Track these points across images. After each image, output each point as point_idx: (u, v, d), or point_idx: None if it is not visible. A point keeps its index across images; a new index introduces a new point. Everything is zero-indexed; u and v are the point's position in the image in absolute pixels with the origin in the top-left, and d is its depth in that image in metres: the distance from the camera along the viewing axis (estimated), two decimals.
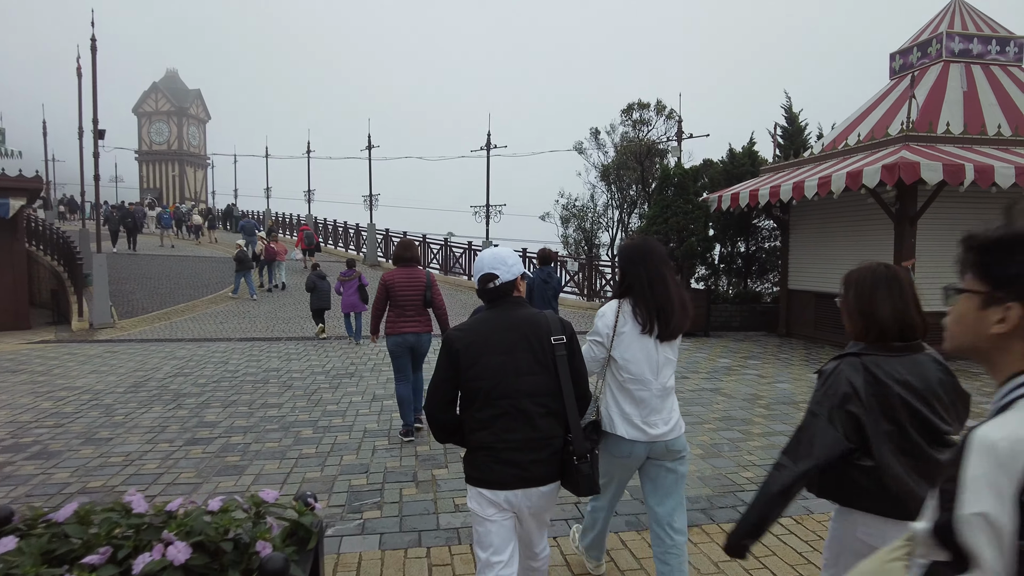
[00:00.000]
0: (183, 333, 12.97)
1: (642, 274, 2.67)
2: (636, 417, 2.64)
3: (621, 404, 2.67)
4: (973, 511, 0.95)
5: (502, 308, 2.42)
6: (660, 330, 2.63)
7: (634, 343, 2.65)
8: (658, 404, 2.66)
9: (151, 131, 51.35)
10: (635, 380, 2.64)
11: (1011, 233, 1.06)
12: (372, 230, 23.89)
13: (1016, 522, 0.92)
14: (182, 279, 19.52)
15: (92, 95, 13.45)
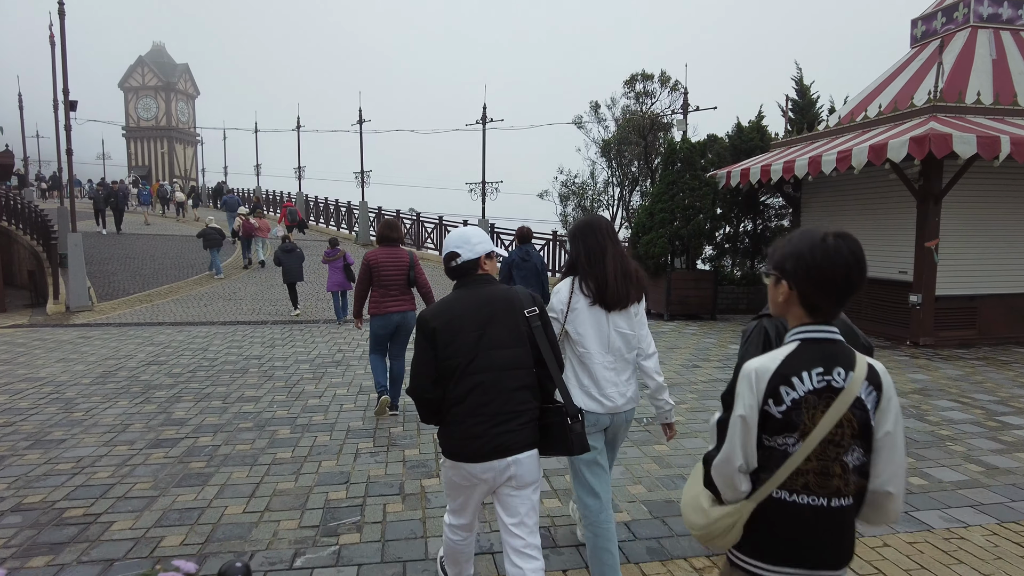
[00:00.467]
0: (164, 316, 12.33)
1: (580, 249, 2.79)
2: (592, 389, 2.75)
3: (580, 377, 2.78)
4: (737, 413, 1.59)
5: (472, 286, 2.48)
6: (601, 300, 2.73)
7: (586, 318, 2.75)
8: (613, 376, 2.76)
9: (138, 107, 50.10)
10: (588, 354, 2.75)
11: (784, 241, 1.67)
12: (364, 208, 23.15)
13: (757, 422, 1.58)
14: (167, 260, 18.82)
15: (62, 64, 12.64)
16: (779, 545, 1.61)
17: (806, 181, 11.80)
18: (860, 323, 10.40)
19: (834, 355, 1.58)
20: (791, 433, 1.56)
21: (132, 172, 49.24)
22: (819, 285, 1.57)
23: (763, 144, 13.80)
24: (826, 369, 1.56)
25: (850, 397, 1.54)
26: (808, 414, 1.55)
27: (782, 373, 1.56)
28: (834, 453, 1.55)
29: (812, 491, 1.56)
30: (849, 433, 1.56)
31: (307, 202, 28.40)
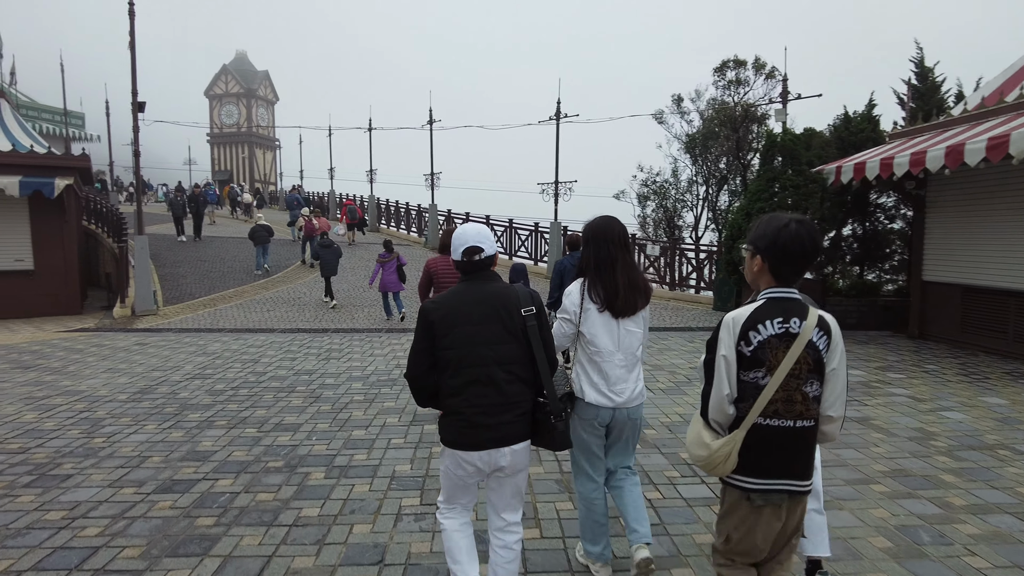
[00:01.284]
0: (224, 322, 11.92)
1: (590, 256, 2.90)
2: (603, 386, 2.88)
3: (590, 374, 2.90)
4: (720, 353, 2.07)
5: (476, 281, 2.57)
6: (609, 308, 2.85)
7: (597, 319, 2.87)
8: (622, 374, 2.89)
9: (221, 113, 51.91)
10: (600, 353, 2.87)
11: (758, 224, 2.17)
12: (434, 211, 22.54)
13: (735, 359, 2.06)
14: (236, 263, 18.73)
15: (132, 66, 12.47)
16: (760, 461, 2.08)
17: (934, 176, 10.10)
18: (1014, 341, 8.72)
19: (791, 309, 2.07)
20: (759, 368, 2.06)
21: (215, 176, 51.11)
22: (784, 259, 2.08)
23: (876, 136, 12.11)
24: (785, 319, 2.06)
25: (804, 339, 2.04)
26: (772, 353, 2.05)
27: (751, 319, 2.07)
28: (795, 384, 2.06)
29: (781, 415, 2.06)
30: (806, 368, 2.06)
31: (378, 205, 28.13)
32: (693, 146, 17.98)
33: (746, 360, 2.05)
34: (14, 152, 13.56)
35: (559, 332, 2.92)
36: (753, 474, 2.08)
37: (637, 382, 2.93)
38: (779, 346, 2.03)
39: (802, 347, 2.02)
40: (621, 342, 2.87)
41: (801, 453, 2.09)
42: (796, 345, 2.02)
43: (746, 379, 2.06)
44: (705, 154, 18.11)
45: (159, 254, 19.06)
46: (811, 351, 2.04)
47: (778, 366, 2.02)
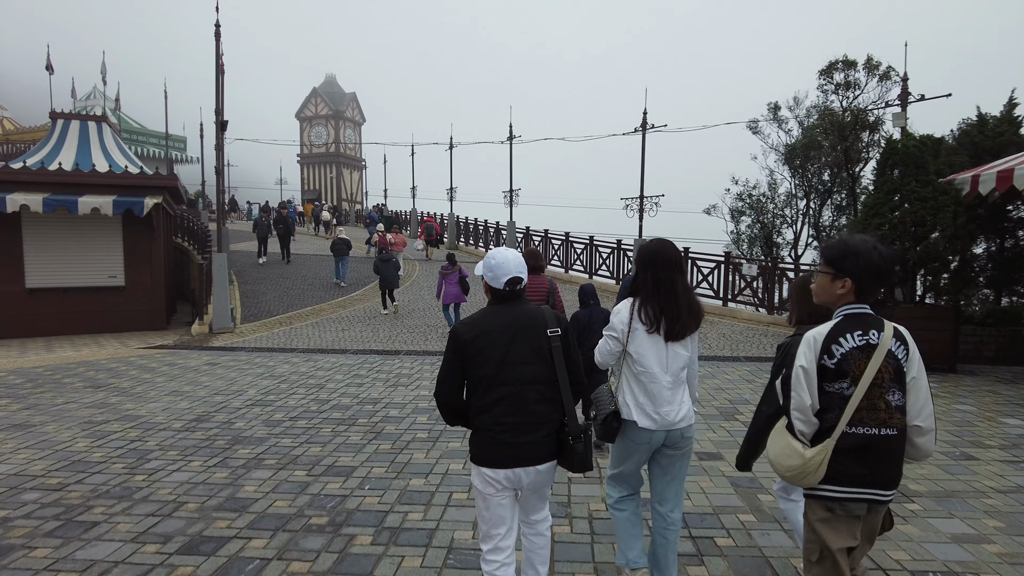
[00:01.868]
0: (298, 341, 11.68)
1: (649, 278, 2.86)
2: (648, 407, 2.84)
3: (636, 395, 2.87)
4: (798, 365, 2.17)
5: (505, 304, 2.66)
6: (665, 331, 2.83)
7: (645, 339, 2.84)
8: (669, 395, 2.85)
9: (311, 135, 53.88)
10: (647, 373, 2.84)
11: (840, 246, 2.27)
12: (512, 228, 22.00)
13: (815, 372, 2.15)
14: (316, 280, 18.78)
15: (216, 85, 12.60)
16: (846, 470, 2.13)
17: None
18: None
19: (868, 322, 2.20)
20: (844, 379, 2.15)
21: (304, 195, 52.98)
22: (875, 280, 2.21)
23: (1018, 139, 10.50)
24: (864, 331, 2.17)
25: (884, 349, 2.14)
26: (855, 364, 2.14)
27: (832, 334, 2.19)
28: (878, 393, 2.14)
29: (866, 423, 2.13)
30: (888, 377, 2.15)
31: (457, 223, 27.95)
32: (793, 157, 16.55)
33: (830, 372, 2.17)
34: (110, 173, 14.05)
35: (604, 349, 2.97)
36: (837, 483, 2.15)
37: (682, 404, 2.91)
38: (861, 357, 2.15)
39: (882, 357, 2.14)
40: (669, 364, 2.87)
41: (885, 461, 2.15)
42: (877, 355, 2.14)
43: (831, 390, 2.17)
44: (805, 165, 16.63)
45: (244, 271, 19.44)
46: (891, 360, 2.16)
47: (861, 376, 2.14)
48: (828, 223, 17.26)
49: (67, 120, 15.30)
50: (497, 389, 2.53)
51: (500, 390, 2.52)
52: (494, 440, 2.53)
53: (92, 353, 10.88)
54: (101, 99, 40.63)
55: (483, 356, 2.54)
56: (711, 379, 8.34)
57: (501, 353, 2.54)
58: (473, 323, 2.62)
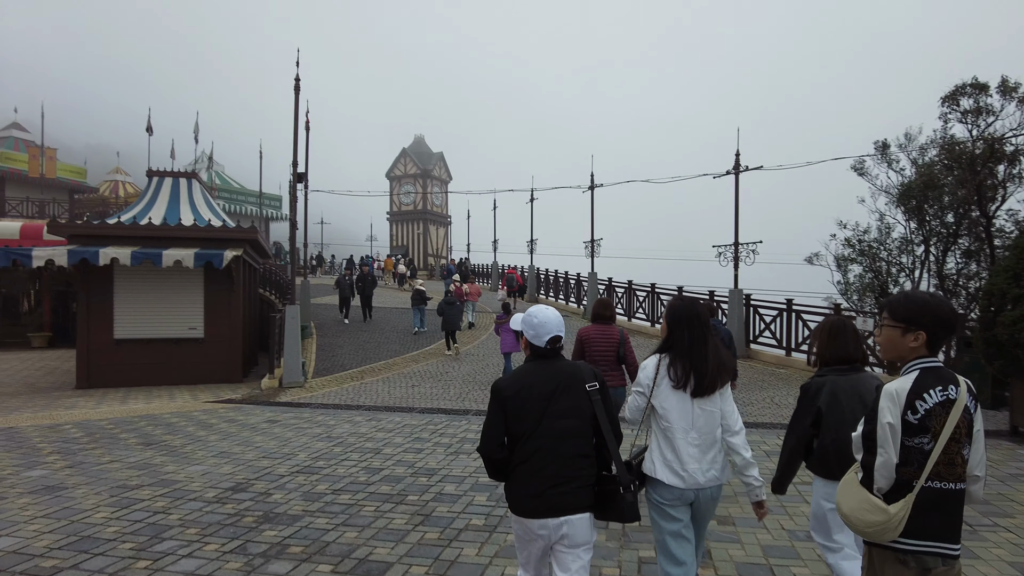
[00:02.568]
0: (366, 398, 11.07)
1: (684, 336, 2.90)
2: (675, 463, 2.82)
3: (663, 451, 2.87)
4: (885, 421, 2.14)
5: (544, 360, 2.76)
6: (694, 387, 2.84)
7: (671, 395, 2.86)
8: (696, 453, 2.83)
9: (400, 193, 55.51)
10: (671, 429, 2.85)
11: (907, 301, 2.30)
12: (593, 280, 20.98)
13: (900, 428, 2.13)
14: (393, 333, 18.39)
15: (293, 138, 12.64)
16: (922, 523, 2.12)
17: None
18: None
19: (945, 376, 2.18)
20: (925, 434, 2.13)
21: (392, 251, 54.30)
22: (947, 332, 2.26)
23: None
24: (944, 387, 2.16)
25: (961, 404, 2.15)
26: (936, 419, 2.13)
27: (915, 389, 2.16)
28: (956, 448, 2.14)
29: (944, 478, 2.13)
30: (964, 432, 2.16)
31: (538, 275, 27.26)
32: (908, 198, 14.79)
33: (913, 428, 2.15)
34: (194, 226, 14.31)
35: (632, 404, 3.02)
36: (914, 536, 2.13)
37: (714, 462, 2.87)
38: (942, 412, 2.15)
39: (960, 411, 2.15)
40: (695, 421, 2.87)
41: (956, 515, 2.17)
42: (955, 410, 2.15)
43: (911, 444, 2.15)
44: (923, 207, 14.80)
45: (324, 324, 19.38)
46: (966, 415, 2.17)
47: (941, 431, 2.14)
48: (954, 270, 15.20)
49: (161, 177, 15.90)
50: (534, 441, 2.62)
51: (537, 442, 2.62)
52: (529, 491, 2.61)
53: (160, 406, 10.67)
54: (205, 161, 43.63)
55: (524, 411, 2.64)
56: None
57: (541, 408, 2.64)
58: (514, 379, 2.73)
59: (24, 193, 34.11)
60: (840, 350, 3.19)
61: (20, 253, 13.02)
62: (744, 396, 10.86)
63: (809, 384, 3.14)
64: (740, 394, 10.91)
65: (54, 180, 35.93)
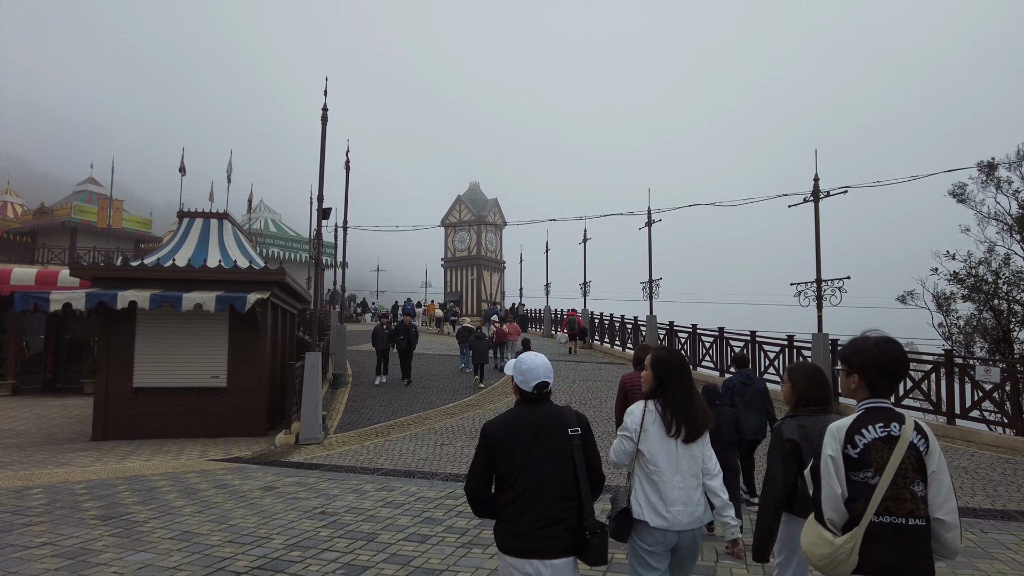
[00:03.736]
0: (386, 459, 9.64)
1: (677, 385, 3.10)
2: (660, 506, 2.94)
3: (648, 494, 2.98)
4: (827, 455, 2.33)
5: (532, 404, 2.88)
6: (685, 434, 3.02)
7: (657, 440, 3.02)
8: (682, 496, 2.96)
9: (455, 240, 55.09)
10: (658, 472, 2.97)
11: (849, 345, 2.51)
12: (652, 324, 19.11)
13: (842, 461, 2.29)
14: (430, 383, 16.95)
15: (319, 169, 11.68)
16: (878, 559, 2.23)
17: None
18: None
19: (889, 415, 2.35)
20: (868, 468, 2.28)
21: (447, 297, 53.61)
22: (879, 374, 2.39)
23: None
24: (885, 423, 2.32)
25: (906, 441, 2.29)
26: (878, 454, 2.29)
27: (854, 426, 2.35)
28: (903, 483, 2.26)
29: (892, 512, 2.24)
30: (911, 468, 2.27)
31: (592, 320, 25.53)
32: None
33: (855, 462, 2.31)
34: (218, 268, 13.45)
35: (619, 448, 3.12)
36: (868, 570, 2.23)
37: (698, 505, 3.00)
38: (883, 448, 2.29)
39: (904, 448, 2.28)
40: (680, 464, 2.99)
41: (914, 552, 2.24)
42: (899, 446, 2.28)
43: (856, 479, 2.30)
44: None
45: (363, 371, 18.20)
46: (913, 452, 2.29)
47: (885, 466, 2.27)
48: None
49: (192, 218, 15.29)
50: (520, 484, 2.71)
51: (523, 485, 2.71)
52: (517, 532, 2.69)
53: (159, 464, 9.50)
54: (263, 210, 44.29)
55: (510, 453, 2.75)
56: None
57: (526, 450, 2.74)
58: (502, 423, 2.84)
59: (93, 243, 35.16)
60: (818, 392, 3.31)
61: (38, 297, 12.38)
62: None
63: (781, 426, 3.18)
64: None
65: (120, 230, 36.92)
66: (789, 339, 13.77)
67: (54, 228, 35.66)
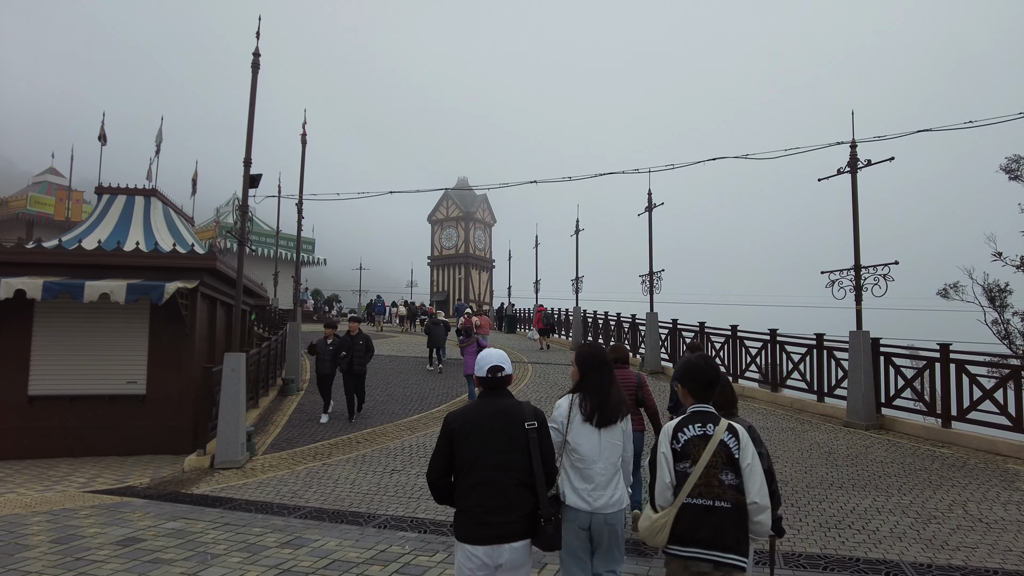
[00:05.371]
0: (319, 490, 7.42)
1: (595, 378, 3.42)
2: (583, 491, 3.26)
3: (572, 480, 3.30)
4: (660, 451, 2.94)
5: (492, 397, 3.15)
6: (598, 418, 3.32)
7: (581, 430, 3.32)
8: (603, 481, 3.28)
9: (442, 237, 52.81)
10: (582, 460, 3.28)
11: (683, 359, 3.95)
12: (653, 322, 16.91)
13: (671, 455, 2.90)
14: (395, 391, 14.69)
15: (248, 123, 9.44)
16: (688, 533, 2.77)
17: None
18: None
19: (707, 418, 2.95)
20: (686, 460, 2.86)
21: (433, 297, 51.31)
22: (692, 384, 3.07)
23: None
24: (703, 424, 2.92)
25: (716, 439, 2.85)
26: (695, 449, 2.86)
27: (679, 425, 2.96)
28: (713, 472, 2.81)
29: (702, 495, 2.78)
30: (721, 461, 2.83)
31: (584, 319, 23.30)
32: None
33: (678, 454, 2.89)
34: (135, 252, 11.16)
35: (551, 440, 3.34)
36: (682, 543, 2.77)
37: (615, 491, 3.31)
38: (700, 443, 2.86)
39: (716, 444, 2.84)
40: (602, 452, 3.30)
41: (721, 529, 2.74)
42: (712, 442, 2.85)
43: (678, 469, 2.86)
44: None
45: None
46: (723, 448, 2.84)
47: (699, 458, 2.83)
48: None
49: (113, 195, 13.01)
50: (478, 473, 2.94)
51: (481, 474, 2.93)
52: (474, 520, 2.91)
53: (14, 500, 7.22)
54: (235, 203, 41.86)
55: (468, 443, 2.97)
56: None
57: (483, 441, 2.97)
58: (462, 414, 3.08)
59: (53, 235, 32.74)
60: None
61: None
62: (907, 501, 6.65)
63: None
64: (893, 499, 6.73)
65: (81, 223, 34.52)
66: (818, 338, 11.60)
67: (8, 221, 33.18)
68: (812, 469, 8.04)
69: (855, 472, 7.90)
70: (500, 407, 3.04)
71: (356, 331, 11.99)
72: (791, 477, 7.71)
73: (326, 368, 11.71)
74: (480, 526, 2.86)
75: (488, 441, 2.93)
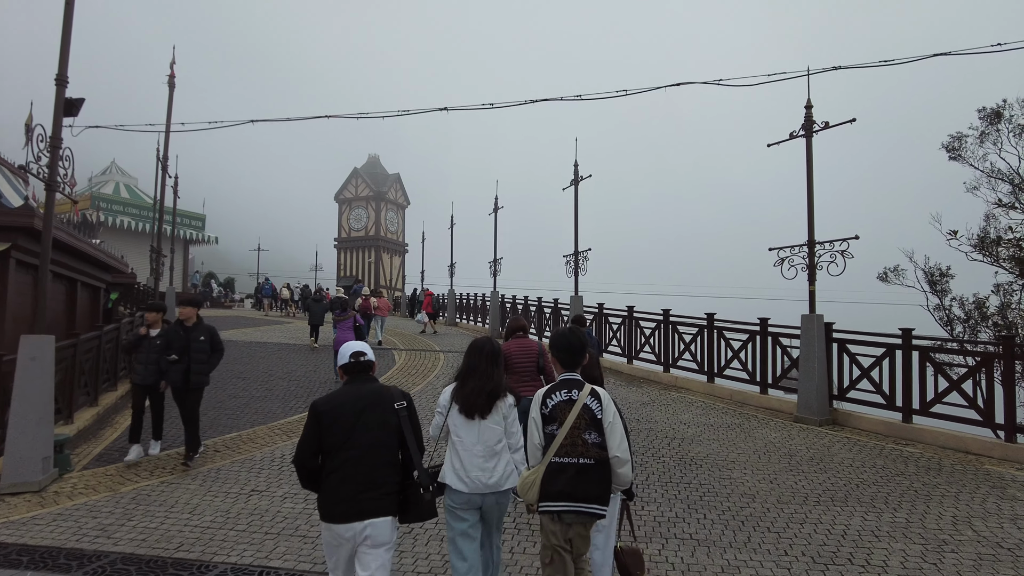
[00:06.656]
0: (137, 525, 5.36)
1: (464, 368, 3.66)
2: (461, 472, 3.45)
3: (453, 461, 3.51)
4: (532, 416, 3.32)
5: (359, 382, 3.31)
6: (470, 410, 3.51)
7: (460, 417, 3.53)
8: (481, 463, 3.47)
9: (350, 218, 49.73)
10: (460, 442, 3.50)
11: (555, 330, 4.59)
12: (578, 305, 15.50)
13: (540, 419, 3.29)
14: (276, 385, 12.50)
15: (63, 27, 7.05)
16: (558, 489, 3.11)
17: None
18: None
19: (572, 384, 3.31)
20: (554, 423, 3.21)
21: (339, 282, 48.24)
22: (560, 353, 3.48)
23: None
24: (568, 390, 3.28)
25: (580, 403, 3.22)
26: (561, 412, 3.22)
27: (548, 392, 3.32)
28: (577, 433, 3.16)
29: (568, 454, 3.14)
30: (584, 423, 3.18)
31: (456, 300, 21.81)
32: None
33: (546, 418, 3.24)
34: None
35: (434, 423, 3.72)
36: (552, 499, 3.13)
37: (495, 470, 3.48)
38: (566, 407, 3.23)
39: (579, 408, 3.21)
40: (481, 435, 3.50)
41: (584, 483, 3.11)
42: (576, 407, 3.21)
43: (548, 431, 3.22)
44: None
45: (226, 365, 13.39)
46: (587, 411, 3.21)
47: (565, 421, 3.18)
48: None
49: None
50: (343, 453, 3.07)
51: (347, 453, 3.07)
52: (337, 497, 3.03)
53: None
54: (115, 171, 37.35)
55: (336, 425, 3.09)
56: None
57: (351, 423, 3.11)
58: (330, 397, 3.22)
59: None
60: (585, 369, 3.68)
61: None
62: (901, 519, 5.38)
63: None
64: (884, 516, 5.46)
65: None
66: (762, 323, 10.46)
67: None
68: (776, 477, 6.72)
69: (826, 480, 6.64)
70: (367, 391, 3.26)
71: (192, 319, 7.40)
72: (755, 488, 6.34)
73: (147, 376, 7.35)
74: (343, 503, 3.02)
75: (356, 423, 3.11)
